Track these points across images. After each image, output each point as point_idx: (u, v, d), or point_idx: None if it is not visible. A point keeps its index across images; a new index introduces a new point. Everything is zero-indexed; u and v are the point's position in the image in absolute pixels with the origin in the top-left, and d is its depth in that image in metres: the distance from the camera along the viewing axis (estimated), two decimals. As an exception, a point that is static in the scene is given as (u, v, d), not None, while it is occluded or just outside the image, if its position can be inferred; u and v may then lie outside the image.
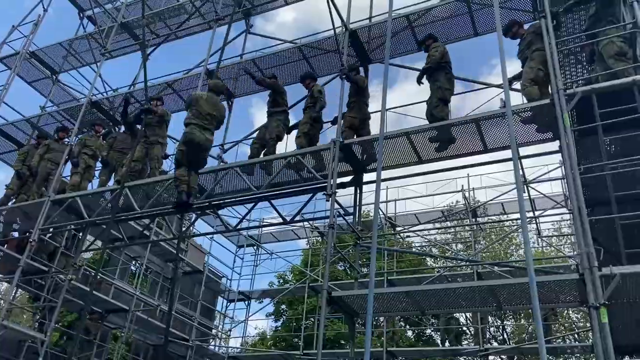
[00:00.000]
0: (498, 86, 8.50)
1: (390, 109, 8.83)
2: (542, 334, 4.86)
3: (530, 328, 20.07)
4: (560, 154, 7.49)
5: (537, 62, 7.24)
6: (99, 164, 11.09)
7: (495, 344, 21.11)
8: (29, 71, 14.21)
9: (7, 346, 10.88)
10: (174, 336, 15.55)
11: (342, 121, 8.36)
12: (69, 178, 11.33)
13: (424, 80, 8.28)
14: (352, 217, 8.69)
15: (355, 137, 8.56)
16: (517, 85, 7.93)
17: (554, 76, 6.57)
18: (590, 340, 10.86)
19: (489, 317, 22.02)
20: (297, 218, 9.21)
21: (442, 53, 8.17)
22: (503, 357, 21.74)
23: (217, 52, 11.24)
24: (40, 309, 10.67)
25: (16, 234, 12.09)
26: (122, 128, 11.44)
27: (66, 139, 11.51)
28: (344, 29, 9.21)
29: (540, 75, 7.17)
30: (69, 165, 11.15)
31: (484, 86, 9.20)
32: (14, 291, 10.59)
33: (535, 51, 7.33)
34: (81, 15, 14.13)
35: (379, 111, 7.15)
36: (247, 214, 9.94)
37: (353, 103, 8.89)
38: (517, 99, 7.88)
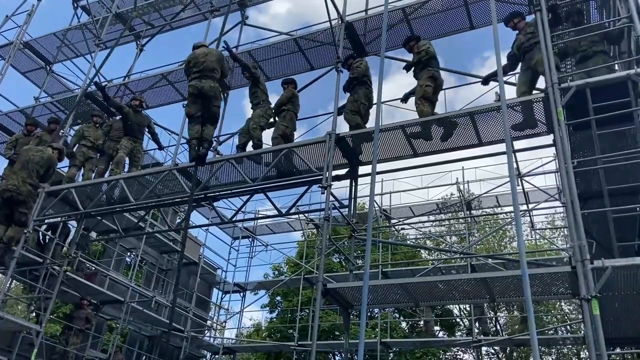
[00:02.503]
0: (493, 79, 8.52)
1: (385, 102, 8.85)
2: (534, 325, 4.92)
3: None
4: (554, 148, 7.54)
5: (424, 80, 7.99)
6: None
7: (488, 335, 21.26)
8: (22, 61, 14.13)
9: (1, 337, 10.90)
10: (168, 327, 15.59)
11: (275, 128, 8.99)
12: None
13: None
14: (347, 209, 8.73)
15: None
16: (511, 78, 7.98)
17: (549, 70, 6.60)
18: (582, 332, 10.98)
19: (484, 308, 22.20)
20: (293, 210, 9.26)
21: (366, 67, 8.88)
22: (496, 348, 21.94)
23: (212, 43, 11.24)
24: (36, 300, 10.67)
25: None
26: (118, 116, 11.36)
27: (61, 131, 11.45)
28: (340, 21, 9.20)
29: (429, 91, 7.90)
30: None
31: (478, 79, 9.22)
32: (8, 282, 10.59)
33: (424, 69, 8.08)
34: (75, 5, 14.02)
35: (375, 104, 7.19)
36: (242, 206, 9.97)
37: (285, 112, 9.17)
38: (511, 93, 7.92)
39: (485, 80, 8.41)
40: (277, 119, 9.22)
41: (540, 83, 7.37)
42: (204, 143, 8.25)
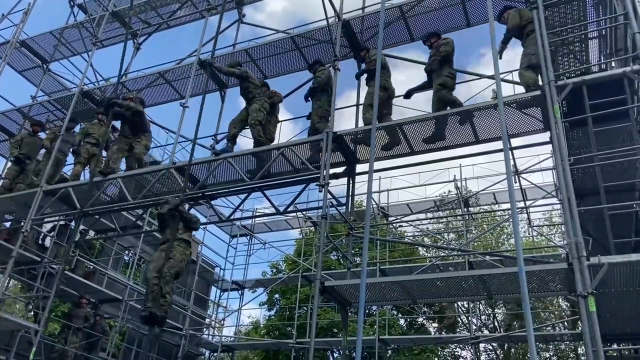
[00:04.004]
0: (490, 77, 8.53)
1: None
2: (530, 322, 4.94)
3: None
4: (551, 145, 7.56)
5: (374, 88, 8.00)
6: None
7: (486, 332, 21.35)
8: (19, 60, 14.09)
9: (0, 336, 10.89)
10: (168, 325, 15.62)
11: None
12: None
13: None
14: (344, 207, 8.74)
15: None
16: (508, 76, 8.02)
17: (545, 67, 6.61)
18: (579, 328, 11.01)
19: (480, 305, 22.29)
20: (290, 208, 9.26)
21: (328, 76, 9.06)
22: (494, 344, 22.01)
23: (209, 41, 11.24)
24: (34, 299, 10.67)
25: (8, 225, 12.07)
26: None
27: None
28: (336, 19, 9.20)
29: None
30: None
31: (476, 77, 9.23)
32: (6, 281, 10.58)
33: (374, 77, 8.12)
34: (72, 3, 13.98)
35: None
36: (240, 204, 9.97)
37: (270, 115, 9.41)
38: (508, 90, 7.95)
39: (408, 95, 8.58)
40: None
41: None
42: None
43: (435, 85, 7.92)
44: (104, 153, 10.43)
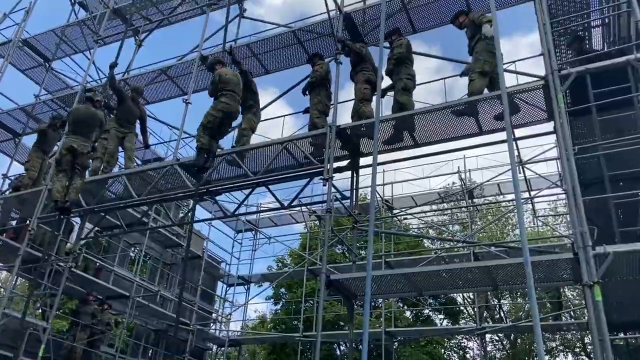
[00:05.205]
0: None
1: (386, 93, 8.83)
2: (537, 312, 4.95)
3: (526, 306, 20.30)
4: (555, 134, 7.53)
5: (361, 83, 8.44)
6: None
7: (492, 323, 21.36)
8: (21, 59, 14.12)
9: (8, 334, 10.96)
10: (175, 321, 15.70)
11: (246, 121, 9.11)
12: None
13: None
14: (349, 200, 8.74)
15: None
16: (511, 67, 7.99)
17: (548, 57, 6.58)
18: (586, 318, 11.02)
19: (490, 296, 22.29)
20: (295, 202, 9.27)
21: (326, 70, 9.06)
22: (500, 335, 22.04)
23: (211, 37, 11.23)
24: (41, 297, 10.73)
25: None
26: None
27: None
28: (338, 12, 9.16)
29: (367, 93, 8.35)
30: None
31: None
32: (14, 279, 10.65)
33: (359, 72, 8.55)
34: (72, 1, 13.96)
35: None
36: (244, 200, 10.00)
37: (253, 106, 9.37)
38: (512, 81, 7.91)
39: (383, 93, 8.54)
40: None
41: (541, 71, 7.36)
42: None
43: (397, 88, 7.97)
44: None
